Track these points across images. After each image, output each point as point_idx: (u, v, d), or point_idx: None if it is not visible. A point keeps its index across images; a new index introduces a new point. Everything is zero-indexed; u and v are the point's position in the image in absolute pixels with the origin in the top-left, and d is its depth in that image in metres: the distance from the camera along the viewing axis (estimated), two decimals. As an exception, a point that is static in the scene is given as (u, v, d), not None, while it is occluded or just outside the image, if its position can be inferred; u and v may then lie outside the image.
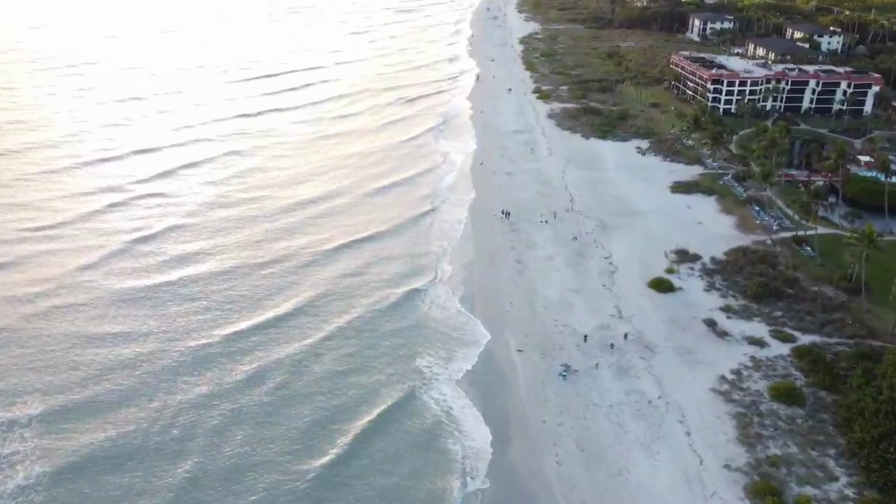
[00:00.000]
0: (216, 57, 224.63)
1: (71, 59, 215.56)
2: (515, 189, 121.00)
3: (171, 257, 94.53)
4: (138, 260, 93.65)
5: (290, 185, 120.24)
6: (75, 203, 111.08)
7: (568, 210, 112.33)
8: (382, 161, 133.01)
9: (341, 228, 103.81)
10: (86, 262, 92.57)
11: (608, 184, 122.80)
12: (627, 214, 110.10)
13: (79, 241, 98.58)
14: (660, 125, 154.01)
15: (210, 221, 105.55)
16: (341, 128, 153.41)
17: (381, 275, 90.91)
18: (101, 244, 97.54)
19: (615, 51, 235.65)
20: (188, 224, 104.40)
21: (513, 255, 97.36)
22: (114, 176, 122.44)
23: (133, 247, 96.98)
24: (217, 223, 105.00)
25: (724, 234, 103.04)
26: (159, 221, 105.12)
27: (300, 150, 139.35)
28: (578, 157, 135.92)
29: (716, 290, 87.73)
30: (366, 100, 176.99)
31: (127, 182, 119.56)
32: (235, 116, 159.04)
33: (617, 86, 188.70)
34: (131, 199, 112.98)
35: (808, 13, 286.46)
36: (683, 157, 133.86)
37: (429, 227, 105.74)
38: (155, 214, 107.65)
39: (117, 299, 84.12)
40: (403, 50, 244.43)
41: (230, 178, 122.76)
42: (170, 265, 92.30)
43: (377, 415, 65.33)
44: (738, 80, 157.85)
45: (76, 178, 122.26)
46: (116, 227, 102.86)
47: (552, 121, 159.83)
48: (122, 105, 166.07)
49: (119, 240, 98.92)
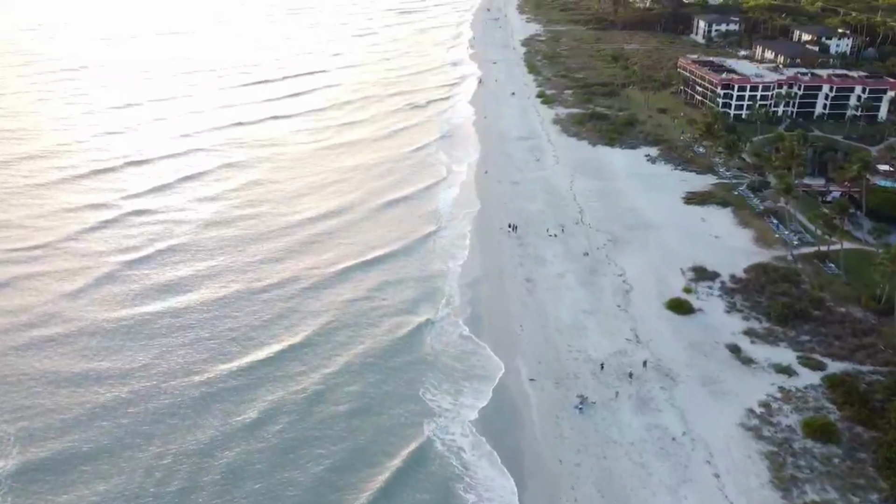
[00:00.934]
0: (214, 60, 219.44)
1: (65, 63, 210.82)
2: (522, 200, 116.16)
3: (164, 282, 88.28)
4: (129, 285, 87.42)
5: (291, 201, 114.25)
6: (61, 221, 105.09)
7: (577, 223, 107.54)
8: (386, 173, 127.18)
9: (344, 249, 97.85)
10: (71, 288, 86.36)
11: (618, 194, 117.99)
12: (640, 227, 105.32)
13: (64, 265, 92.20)
14: (669, 131, 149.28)
15: (206, 241, 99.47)
16: (343, 137, 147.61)
17: (387, 301, 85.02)
18: (89, 268, 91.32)
19: (619, 53, 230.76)
20: (183, 245, 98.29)
21: (521, 273, 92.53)
22: (104, 190, 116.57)
23: (123, 271, 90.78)
24: (214, 243, 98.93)
25: (742, 249, 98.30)
26: (152, 242, 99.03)
27: (301, 161, 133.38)
28: (586, 166, 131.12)
29: (737, 311, 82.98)
30: (368, 107, 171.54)
31: (118, 197, 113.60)
32: (233, 125, 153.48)
33: (622, 90, 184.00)
34: (122, 216, 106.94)
35: (813, 14, 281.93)
36: (695, 166, 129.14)
37: (434, 244, 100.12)
38: (147, 234, 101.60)
39: (105, 331, 77.92)
40: (405, 53, 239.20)
41: (228, 193, 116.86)
42: (163, 292, 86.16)
43: (389, 468, 59.48)
44: (748, 85, 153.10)
45: (64, 192, 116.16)
46: (105, 248, 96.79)
47: (557, 126, 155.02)
48: (117, 112, 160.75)
49: (108, 263, 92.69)
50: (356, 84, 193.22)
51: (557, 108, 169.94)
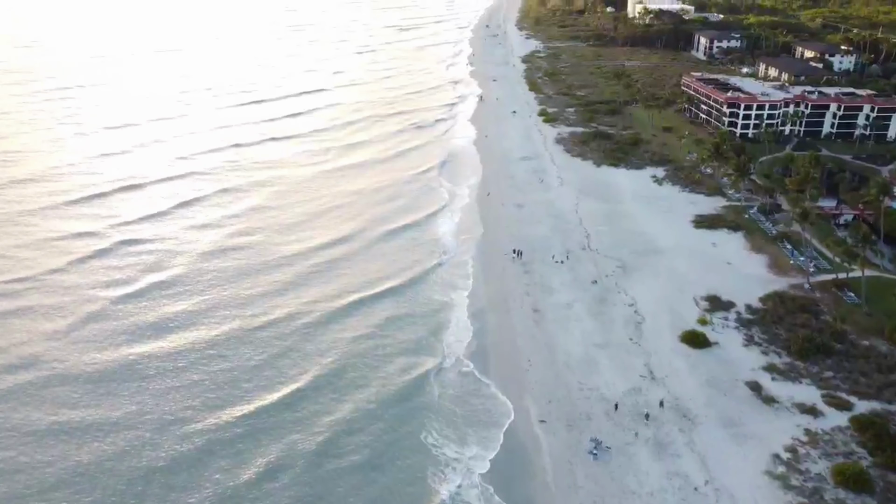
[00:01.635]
0: (213, 79, 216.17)
1: (59, 81, 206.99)
2: (526, 224, 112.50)
3: (155, 320, 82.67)
4: (117, 323, 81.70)
5: (289, 230, 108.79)
6: (47, 251, 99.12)
7: (584, 248, 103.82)
8: (387, 199, 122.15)
9: (345, 282, 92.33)
10: (54, 327, 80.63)
11: (625, 217, 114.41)
12: (649, 253, 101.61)
13: (46, 300, 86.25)
14: (675, 151, 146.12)
15: (202, 274, 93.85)
16: (343, 160, 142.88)
17: (390, 339, 79.96)
18: (74, 304, 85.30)
19: (620, 70, 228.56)
20: (176, 278, 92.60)
21: (528, 303, 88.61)
22: (95, 217, 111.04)
23: (111, 307, 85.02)
24: (210, 276, 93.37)
25: (756, 277, 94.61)
26: (143, 275, 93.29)
27: (300, 186, 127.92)
28: (591, 187, 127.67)
29: (755, 344, 79.09)
30: (368, 127, 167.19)
31: (109, 225, 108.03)
32: (231, 146, 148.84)
33: (625, 108, 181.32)
34: (113, 246, 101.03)
35: (814, 31, 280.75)
36: (703, 188, 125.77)
37: (438, 274, 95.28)
38: (139, 265, 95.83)
39: (91, 375, 72.32)
40: (406, 71, 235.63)
41: (224, 221, 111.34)
42: (154, 330, 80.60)
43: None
44: (755, 104, 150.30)
45: (51, 220, 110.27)
46: (93, 282, 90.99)
47: (561, 146, 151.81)
48: (111, 133, 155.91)
49: (95, 298, 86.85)
50: (357, 103, 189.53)
51: (560, 126, 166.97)
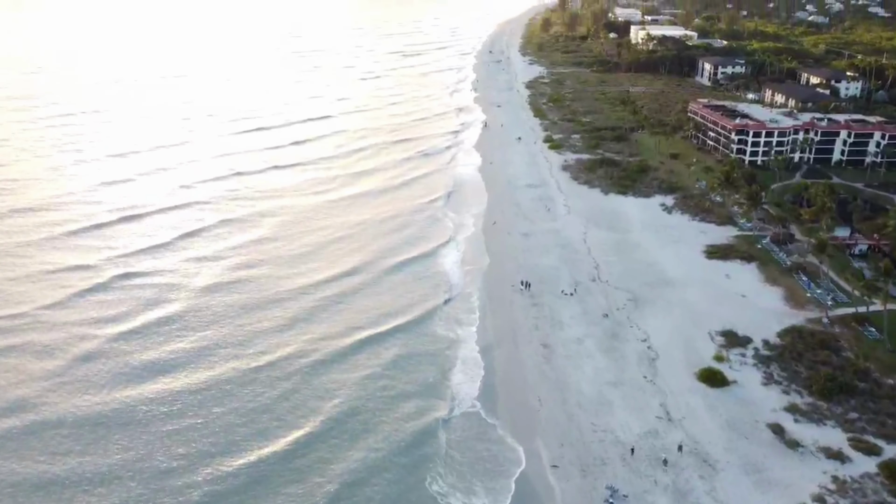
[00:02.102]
0: (217, 105, 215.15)
1: (62, 108, 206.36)
2: (533, 253, 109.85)
3: (153, 360, 79.17)
4: (113, 363, 78.35)
5: (292, 263, 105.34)
6: (42, 285, 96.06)
7: (594, 279, 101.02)
8: (392, 230, 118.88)
9: (349, 319, 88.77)
10: (47, 367, 77.19)
11: (635, 247, 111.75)
12: (661, 285, 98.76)
13: (39, 338, 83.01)
14: (683, 178, 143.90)
15: (202, 311, 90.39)
16: (348, 190, 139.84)
17: (397, 380, 76.03)
18: (69, 342, 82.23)
19: (625, 96, 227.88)
20: (175, 315, 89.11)
21: (537, 337, 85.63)
22: (93, 249, 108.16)
23: (107, 346, 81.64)
24: (210, 313, 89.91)
25: (772, 310, 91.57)
26: (141, 311, 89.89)
27: (304, 216, 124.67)
28: (599, 216, 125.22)
29: (775, 383, 75.87)
30: (374, 156, 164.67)
31: (107, 257, 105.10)
32: (234, 174, 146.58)
33: (631, 134, 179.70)
34: (110, 280, 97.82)
35: (818, 57, 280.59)
36: (714, 216, 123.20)
37: (444, 309, 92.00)
38: (136, 301, 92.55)
39: (83, 420, 68.77)
40: (410, 97, 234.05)
41: (226, 253, 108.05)
42: (151, 371, 77.09)
43: None
44: (764, 131, 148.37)
45: (48, 252, 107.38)
46: (89, 318, 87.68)
47: (567, 173, 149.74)
48: (112, 161, 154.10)
49: (90, 336, 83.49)
50: (361, 130, 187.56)
51: (566, 153, 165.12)
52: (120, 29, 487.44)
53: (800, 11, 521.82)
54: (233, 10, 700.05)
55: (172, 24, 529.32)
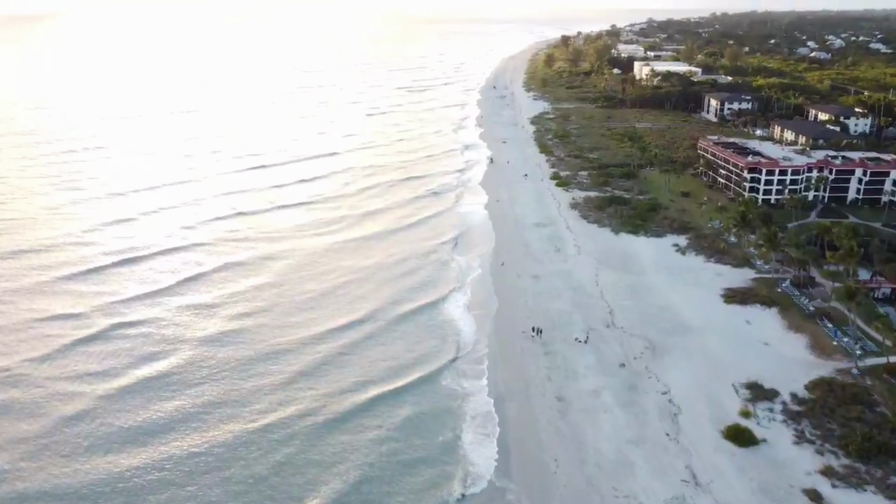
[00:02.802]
0: (222, 141, 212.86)
1: (64, 144, 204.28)
2: (544, 297, 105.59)
3: (146, 421, 73.09)
4: (100, 426, 72.31)
5: (297, 312, 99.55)
6: (29, 337, 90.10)
7: (608, 325, 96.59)
8: (400, 275, 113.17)
9: (355, 375, 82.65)
10: (30, 429, 70.85)
11: (650, 291, 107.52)
12: (679, 332, 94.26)
13: (24, 396, 77.35)
14: (695, 217, 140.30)
15: (199, 365, 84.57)
16: (354, 231, 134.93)
17: (404, 444, 70.05)
18: (55, 401, 76.36)
19: (632, 132, 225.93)
20: (171, 370, 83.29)
21: (551, 390, 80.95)
22: (87, 296, 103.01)
23: (96, 406, 75.42)
24: (208, 368, 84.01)
25: (798, 360, 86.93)
26: (134, 366, 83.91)
27: (309, 260, 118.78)
28: (611, 257, 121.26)
29: (808, 442, 70.92)
30: (380, 195, 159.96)
31: (101, 305, 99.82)
32: (237, 214, 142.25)
33: (640, 171, 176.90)
34: (103, 331, 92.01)
35: (824, 93, 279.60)
36: (730, 258, 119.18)
37: (453, 361, 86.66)
38: (130, 355, 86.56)
39: (67, 492, 62.77)
40: (419, 135, 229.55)
41: (226, 301, 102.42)
42: (144, 434, 71.11)
43: None
44: (777, 169, 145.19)
45: (38, 299, 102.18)
46: (78, 374, 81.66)
47: (576, 212, 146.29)
48: (112, 200, 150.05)
49: (79, 395, 77.51)
50: (367, 167, 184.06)
51: (574, 190, 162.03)
52: (129, 62, 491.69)
53: (801, 47, 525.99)
54: (242, 43, 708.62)
55: (181, 57, 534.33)
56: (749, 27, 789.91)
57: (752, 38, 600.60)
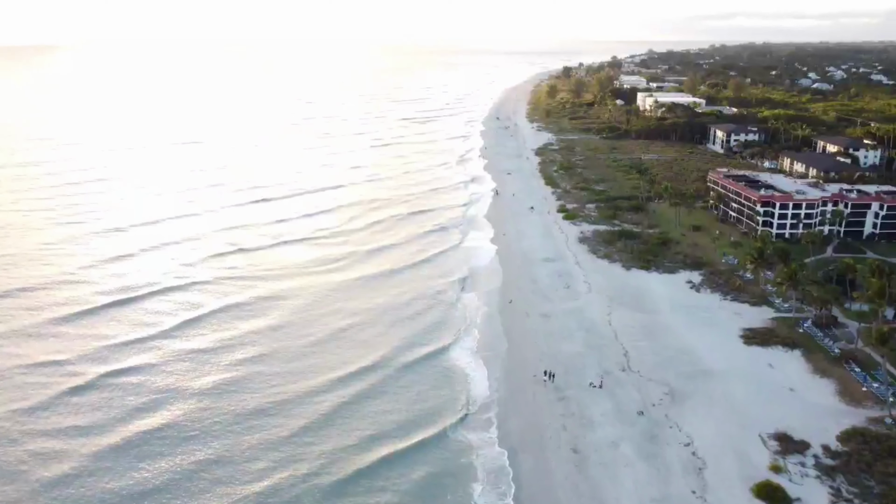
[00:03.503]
0: (225, 173, 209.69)
1: (63, 177, 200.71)
2: (556, 338, 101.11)
3: (135, 486, 67.13)
4: (86, 493, 66.06)
5: (299, 358, 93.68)
6: (12, 387, 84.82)
7: (624, 369, 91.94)
8: (406, 318, 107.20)
9: (362, 430, 76.74)
10: (5, 496, 65.35)
11: (665, 331, 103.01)
12: (699, 376, 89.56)
13: (4, 456, 71.54)
14: (708, 253, 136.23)
15: (193, 420, 77.65)
16: (358, 270, 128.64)
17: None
18: (37, 462, 70.40)
19: (638, 164, 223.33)
20: (164, 426, 76.49)
21: (566, 440, 76.13)
22: (78, 340, 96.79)
23: (83, 468, 69.47)
24: (202, 423, 77.07)
25: (826, 408, 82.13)
26: (123, 421, 77.82)
27: (312, 301, 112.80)
28: (623, 294, 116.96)
29: (845, 501, 65.92)
30: (386, 230, 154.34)
31: (93, 351, 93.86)
32: (238, 251, 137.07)
33: (648, 203, 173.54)
34: (92, 381, 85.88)
35: (831, 124, 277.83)
36: (746, 295, 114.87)
37: (462, 409, 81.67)
38: (120, 408, 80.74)
39: None
40: (424, 168, 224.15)
41: (226, 347, 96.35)
42: (127, 500, 65.25)
43: None
44: (791, 203, 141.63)
45: (25, 344, 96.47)
46: (64, 430, 76.02)
47: (585, 246, 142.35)
48: (111, 236, 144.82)
49: (63, 454, 71.57)
50: (371, 201, 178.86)
51: (581, 224, 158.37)
52: (133, 93, 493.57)
53: (803, 79, 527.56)
54: (245, 74, 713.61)
55: (185, 88, 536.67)
56: (749, 59, 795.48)
57: (754, 69, 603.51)
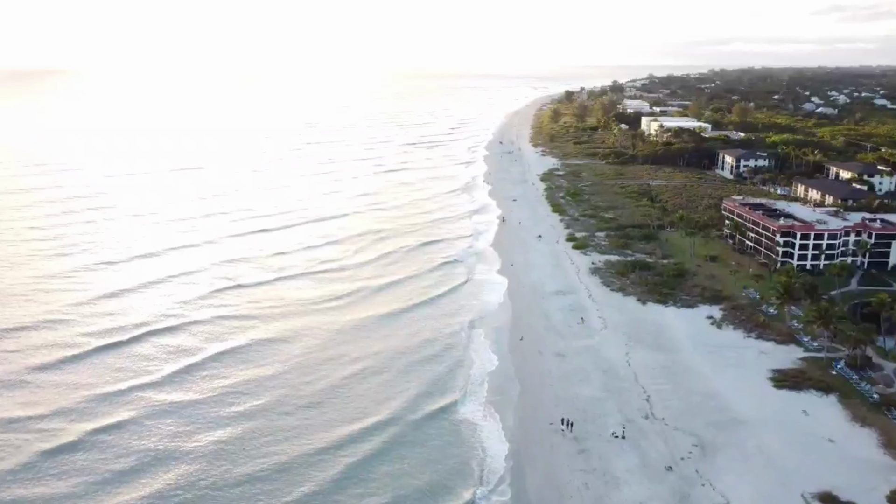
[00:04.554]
0: (226, 201, 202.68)
1: (67, 205, 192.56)
2: (572, 381, 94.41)
3: None
4: None
5: (301, 412, 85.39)
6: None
7: (647, 416, 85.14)
8: (411, 365, 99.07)
9: (370, 494, 70.28)
10: None
11: (689, 373, 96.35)
12: (729, 425, 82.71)
13: None
14: (726, 285, 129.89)
15: (180, 490, 69.25)
16: (362, 310, 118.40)
17: None
18: None
19: (646, 189, 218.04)
20: (147, 497, 68.77)
21: (589, 500, 69.20)
22: (58, 392, 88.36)
23: None
24: (191, 495, 68.96)
25: (871, 462, 75.26)
26: (103, 490, 69.60)
27: (313, 346, 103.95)
28: (641, 331, 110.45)
29: (906, 576, 58.96)
30: (391, 265, 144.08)
31: (71, 406, 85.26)
32: (235, 287, 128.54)
33: (659, 231, 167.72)
34: (67, 445, 77.22)
35: (840, 149, 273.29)
36: (771, 333, 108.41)
37: (474, 473, 74.26)
38: (99, 474, 72.26)
39: None
40: (429, 197, 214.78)
41: (220, 400, 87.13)
42: None
43: None
44: (813, 233, 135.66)
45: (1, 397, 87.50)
46: (34, 499, 68.08)
47: (597, 278, 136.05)
48: (101, 273, 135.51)
49: None
50: (377, 232, 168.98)
51: (592, 254, 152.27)
52: (137, 117, 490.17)
53: (806, 103, 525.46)
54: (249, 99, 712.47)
55: (188, 112, 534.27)
56: (749, 83, 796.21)
57: (756, 93, 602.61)
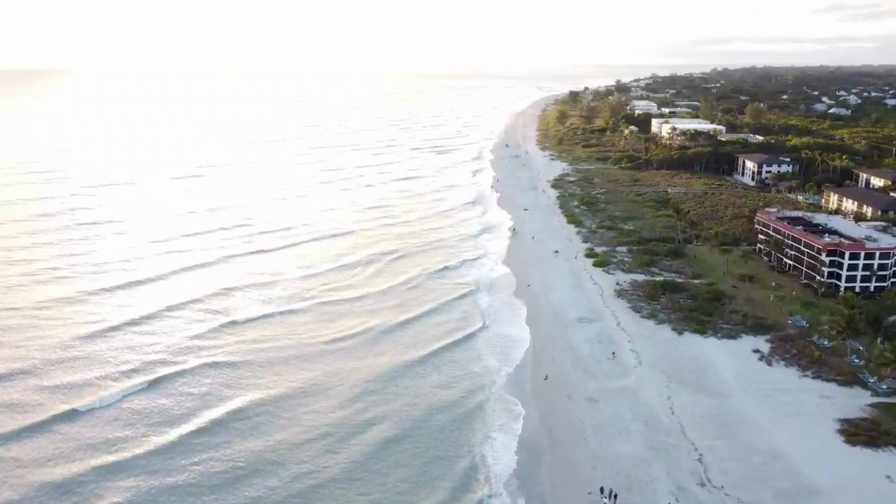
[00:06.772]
0: (226, 215, 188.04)
1: (63, 220, 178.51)
2: (608, 434, 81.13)
3: None
4: None
5: (299, 447, 77.00)
6: None
7: (702, 483, 71.89)
8: (419, 398, 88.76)
9: None
10: None
11: (743, 424, 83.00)
12: (802, 496, 69.55)
13: None
14: (769, 311, 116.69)
15: None
16: (367, 351, 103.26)
17: None
18: None
19: (664, 197, 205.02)
20: None
21: None
22: (24, 470, 74.26)
23: None
24: None
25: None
26: None
27: (318, 412, 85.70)
28: (680, 369, 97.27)
29: None
30: (401, 297, 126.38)
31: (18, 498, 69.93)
32: (228, 324, 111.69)
33: (685, 245, 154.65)
34: None
35: (865, 153, 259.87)
36: (830, 370, 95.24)
37: None
38: None
39: None
40: (440, 213, 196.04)
41: (210, 460, 75.45)
42: None
43: None
44: (863, 252, 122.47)
45: None
46: None
47: (624, 301, 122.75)
48: (85, 304, 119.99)
49: None
50: (383, 255, 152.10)
51: (616, 272, 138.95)
52: (138, 122, 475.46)
53: (816, 104, 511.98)
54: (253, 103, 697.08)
55: (190, 117, 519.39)
56: (754, 83, 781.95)
57: (764, 93, 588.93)
